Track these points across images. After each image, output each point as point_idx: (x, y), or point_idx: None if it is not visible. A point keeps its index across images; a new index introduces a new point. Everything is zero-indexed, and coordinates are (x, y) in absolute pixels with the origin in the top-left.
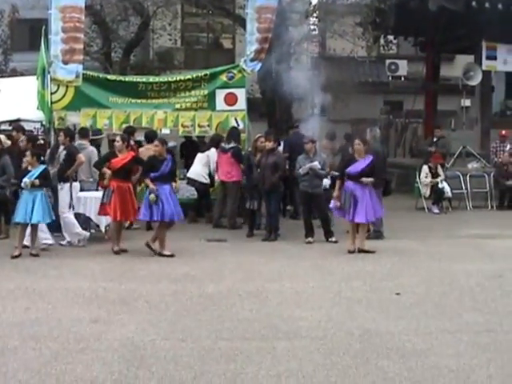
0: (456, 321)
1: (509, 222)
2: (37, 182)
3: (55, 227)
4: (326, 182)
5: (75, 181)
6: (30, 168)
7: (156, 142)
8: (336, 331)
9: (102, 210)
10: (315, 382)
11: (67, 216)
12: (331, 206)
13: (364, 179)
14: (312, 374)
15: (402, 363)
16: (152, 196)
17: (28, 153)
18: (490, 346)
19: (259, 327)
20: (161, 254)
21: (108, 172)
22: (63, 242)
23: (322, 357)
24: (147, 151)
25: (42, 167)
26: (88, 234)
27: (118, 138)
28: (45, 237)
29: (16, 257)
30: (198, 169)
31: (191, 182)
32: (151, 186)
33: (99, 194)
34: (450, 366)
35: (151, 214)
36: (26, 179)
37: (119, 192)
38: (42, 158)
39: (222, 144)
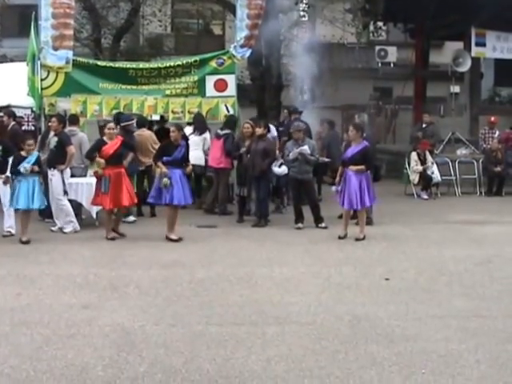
0: (445, 306)
1: (497, 208)
2: (36, 168)
3: (47, 213)
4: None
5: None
6: (24, 154)
7: (172, 128)
8: (325, 316)
9: (96, 200)
10: (305, 367)
11: (65, 204)
12: (333, 190)
13: (351, 167)
14: (301, 359)
15: (391, 348)
16: (165, 180)
17: (31, 141)
18: (478, 331)
19: (249, 312)
20: (168, 238)
21: (101, 161)
22: (54, 229)
23: (312, 342)
24: (138, 137)
25: (37, 154)
26: (78, 227)
27: (110, 125)
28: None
29: (25, 242)
30: (198, 153)
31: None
32: (164, 169)
33: (90, 179)
34: (439, 350)
35: (160, 198)
36: (26, 164)
37: (114, 179)
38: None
39: (218, 130)
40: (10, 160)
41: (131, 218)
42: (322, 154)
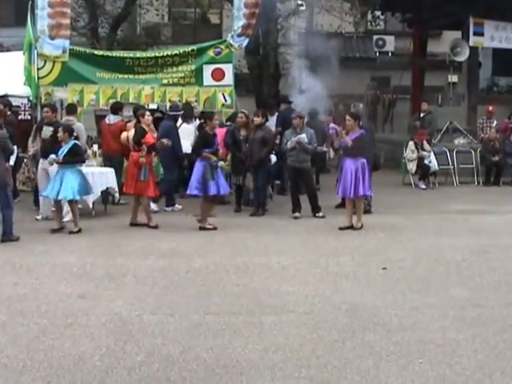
0: (442, 295)
1: (495, 197)
2: (60, 159)
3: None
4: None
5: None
6: (63, 144)
7: (216, 117)
8: (323, 306)
9: (136, 188)
10: (302, 356)
11: None
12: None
13: (344, 138)
14: (299, 348)
15: (388, 337)
16: (221, 163)
17: (60, 128)
18: (475, 320)
19: (246, 302)
20: (202, 228)
21: (145, 149)
22: (38, 217)
23: (309, 331)
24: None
25: (72, 143)
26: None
27: (148, 113)
28: None
29: (56, 230)
30: (191, 142)
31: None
32: (214, 158)
33: (86, 169)
34: (436, 340)
35: (206, 189)
36: (52, 155)
37: (149, 168)
38: (75, 134)
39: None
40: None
41: (155, 208)
42: None
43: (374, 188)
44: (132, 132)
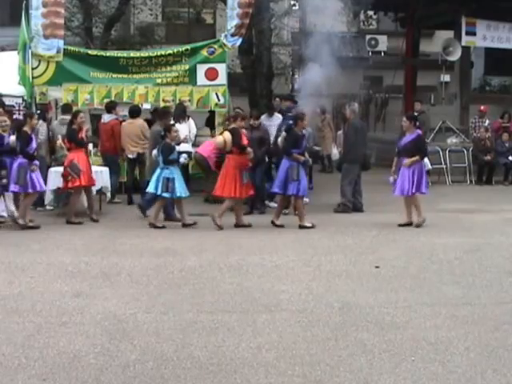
0: (434, 294)
1: (487, 196)
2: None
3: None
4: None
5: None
6: (172, 143)
7: (302, 115)
8: (316, 304)
9: (241, 192)
10: (295, 354)
11: None
12: (389, 180)
13: (405, 162)
14: (292, 346)
15: (381, 336)
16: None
17: (176, 128)
18: (467, 318)
19: (240, 300)
20: (302, 226)
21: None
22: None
23: (302, 329)
24: (130, 125)
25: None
26: None
27: (244, 115)
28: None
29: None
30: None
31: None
32: (303, 158)
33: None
34: (429, 338)
35: (285, 189)
36: (185, 155)
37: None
38: None
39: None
40: None
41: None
42: None
43: (366, 187)
44: (227, 135)
